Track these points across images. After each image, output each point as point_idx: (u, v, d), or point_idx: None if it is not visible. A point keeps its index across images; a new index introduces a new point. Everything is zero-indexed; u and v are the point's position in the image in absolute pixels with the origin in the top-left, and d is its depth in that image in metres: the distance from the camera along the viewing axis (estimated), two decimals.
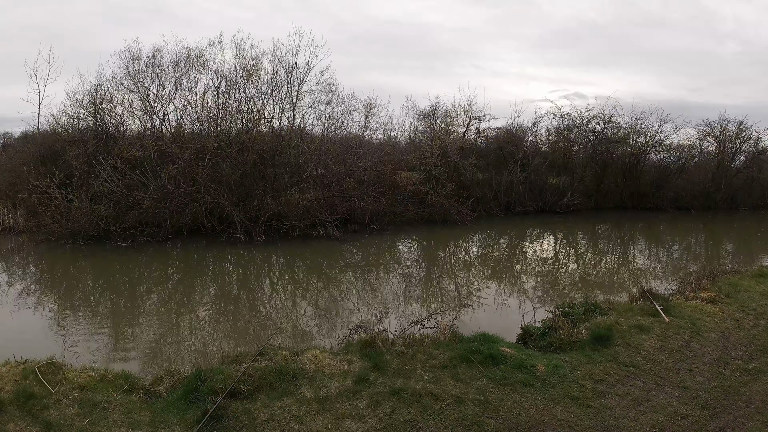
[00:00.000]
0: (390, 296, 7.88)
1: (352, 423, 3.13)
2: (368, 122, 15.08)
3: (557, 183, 18.27)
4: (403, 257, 11.26)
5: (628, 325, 4.99)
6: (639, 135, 19.33)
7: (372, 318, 6.02)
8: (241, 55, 12.99)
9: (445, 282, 9.28)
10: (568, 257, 12.01)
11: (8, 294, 7.38)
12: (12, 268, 9.13)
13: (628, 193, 19.32)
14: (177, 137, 12.36)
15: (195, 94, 12.85)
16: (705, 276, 7.37)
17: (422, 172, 14.99)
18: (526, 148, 18.03)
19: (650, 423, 3.32)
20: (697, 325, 5.15)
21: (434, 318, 5.18)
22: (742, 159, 21.07)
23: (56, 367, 3.65)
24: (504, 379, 3.81)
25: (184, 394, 3.34)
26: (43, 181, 10.57)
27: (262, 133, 13.02)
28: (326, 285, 8.64)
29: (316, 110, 13.74)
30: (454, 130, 17.38)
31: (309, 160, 12.47)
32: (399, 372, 3.84)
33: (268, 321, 6.78)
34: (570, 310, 5.60)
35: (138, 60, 12.50)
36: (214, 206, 11.51)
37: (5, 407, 3.08)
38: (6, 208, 11.86)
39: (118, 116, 12.81)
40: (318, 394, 3.45)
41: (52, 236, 10.51)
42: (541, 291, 8.54)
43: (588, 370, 4.06)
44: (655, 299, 5.77)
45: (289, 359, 3.89)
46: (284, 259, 10.53)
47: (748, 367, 4.29)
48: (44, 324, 6.19)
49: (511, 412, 3.38)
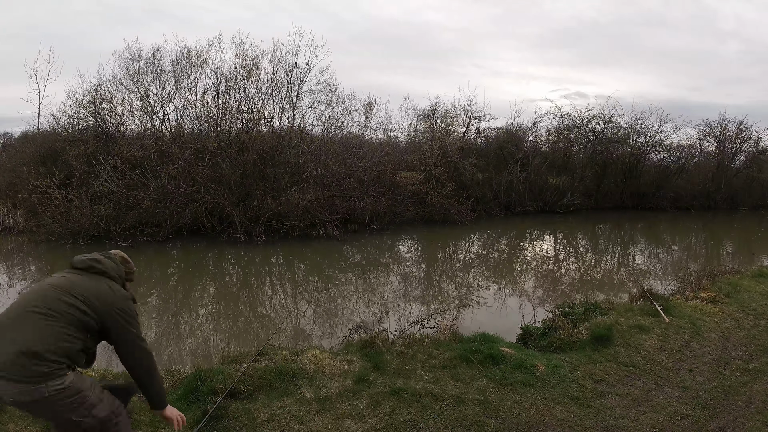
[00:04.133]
0: (390, 296, 7.88)
1: (352, 423, 3.13)
2: (368, 122, 15.10)
3: (557, 183, 18.27)
4: (403, 257, 11.26)
5: (628, 325, 4.99)
6: (639, 135, 19.35)
7: (372, 318, 6.04)
8: (241, 55, 13.01)
9: (445, 282, 9.28)
10: (568, 257, 12.01)
11: (8, 294, 7.38)
12: (12, 268, 9.13)
13: (628, 193, 19.32)
14: (177, 137, 12.37)
15: (195, 94, 12.87)
16: (705, 276, 7.37)
17: (422, 172, 14.99)
18: (526, 148, 18.03)
19: (650, 423, 3.32)
20: (697, 325, 5.15)
21: (434, 318, 5.19)
22: (742, 159, 21.09)
23: None
24: (504, 379, 3.81)
25: (184, 394, 3.34)
26: (43, 181, 10.57)
27: (262, 133, 13.02)
28: (326, 285, 8.64)
29: (316, 110, 13.77)
30: (454, 130, 17.39)
31: (309, 160, 12.48)
32: (399, 372, 3.84)
33: (268, 321, 6.78)
34: (570, 310, 5.61)
35: (138, 60, 12.51)
36: (214, 206, 11.51)
37: (5, 407, 3.08)
38: (6, 208, 11.86)
39: (118, 116, 12.83)
40: (318, 394, 3.45)
41: (52, 236, 10.50)
42: (541, 291, 8.53)
43: (588, 370, 4.06)
44: (655, 299, 5.78)
45: (289, 359, 3.89)
46: (284, 259, 10.53)
47: (748, 367, 4.29)
48: None
49: (511, 412, 3.38)
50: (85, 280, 2.18)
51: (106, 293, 2.17)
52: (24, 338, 1.95)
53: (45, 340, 1.96)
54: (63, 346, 2.01)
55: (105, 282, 2.22)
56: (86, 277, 2.21)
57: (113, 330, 2.15)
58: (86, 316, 2.09)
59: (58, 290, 2.10)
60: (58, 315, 2.02)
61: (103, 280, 2.23)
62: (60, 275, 2.21)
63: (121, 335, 2.17)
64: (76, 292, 2.10)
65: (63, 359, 2.00)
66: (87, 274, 2.23)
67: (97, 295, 2.14)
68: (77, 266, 2.25)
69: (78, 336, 2.06)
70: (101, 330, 2.15)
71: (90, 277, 2.21)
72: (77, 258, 2.28)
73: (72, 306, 2.06)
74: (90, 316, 2.09)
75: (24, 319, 2.01)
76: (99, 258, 2.30)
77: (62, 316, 2.03)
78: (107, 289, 2.19)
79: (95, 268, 2.24)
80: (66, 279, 2.18)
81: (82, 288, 2.14)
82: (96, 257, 2.30)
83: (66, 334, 2.02)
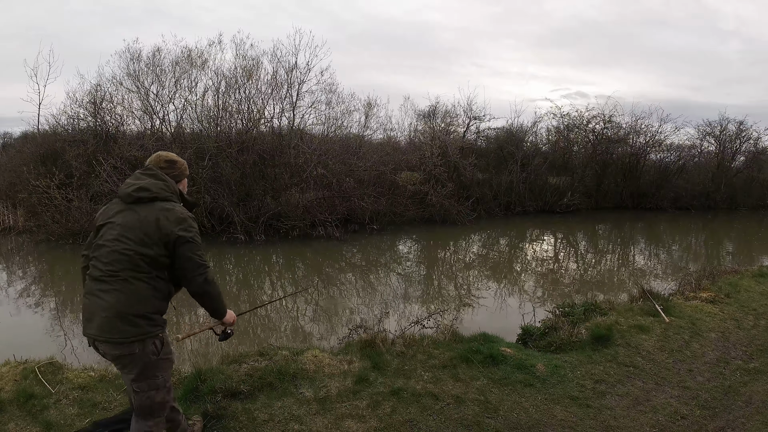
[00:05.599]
0: (390, 296, 7.88)
1: (352, 423, 3.13)
2: (368, 122, 15.12)
3: (557, 183, 18.27)
4: (403, 257, 11.26)
5: (628, 325, 4.98)
6: (639, 135, 19.36)
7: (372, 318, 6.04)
8: (241, 55, 13.04)
9: (445, 282, 9.28)
10: (568, 257, 12.01)
11: (8, 294, 7.39)
12: (12, 268, 9.13)
13: (628, 193, 19.32)
14: (177, 137, 12.37)
15: (195, 94, 12.88)
16: (705, 276, 7.36)
17: (422, 172, 15.00)
18: (526, 148, 18.04)
19: (650, 423, 3.32)
20: (697, 325, 5.15)
21: (434, 318, 5.18)
22: (742, 159, 21.07)
23: (56, 367, 3.65)
24: (504, 379, 3.81)
25: (184, 394, 3.34)
26: (43, 181, 10.57)
27: (262, 133, 13.04)
28: (326, 285, 8.63)
29: (316, 110, 13.78)
30: (454, 130, 17.42)
31: (309, 160, 12.48)
32: (399, 372, 3.84)
33: (268, 321, 6.78)
34: (570, 310, 5.60)
35: (138, 60, 12.54)
36: (214, 206, 11.51)
37: (5, 407, 3.08)
38: (6, 208, 11.86)
39: (118, 116, 12.85)
40: (318, 394, 3.45)
41: (52, 236, 10.51)
42: (541, 291, 8.53)
43: (588, 370, 4.06)
44: (655, 299, 5.77)
45: (289, 359, 3.88)
46: (284, 259, 10.53)
47: (748, 367, 4.29)
48: (44, 324, 6.19)
49: (511, 412, 3.38)
50: (136, 215, 2.14)
51: (160, 224, 2.12)
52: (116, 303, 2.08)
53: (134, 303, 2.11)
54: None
55: (157, 208, 2.16)
56: (138, 210, 2.15)
57: (175, 255, 2.17)
58: (153, 253, 2.12)
59: (119, 242, 2.09)
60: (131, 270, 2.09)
61: (156, 207, 2.17)
62: (111, 221, 2.15)
63: (181, 257, 2.17)
64: (132, 234, 2.10)
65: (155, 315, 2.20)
66: (138, 206, 2.17)
67: (152, 228, 2.12)
68: (126, 201, 2.19)
69: (160, 275, 2.18)
70: (172, 254, 2.18)
71: (141, 209, 2.16)
72: (123, 191, 2.19)
73: (136, 252, 2.09)
74: (157, 251, 2.13)
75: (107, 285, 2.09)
76: (144, 185, 2.19)
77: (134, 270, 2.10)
78: (161, 218, 2.13)
79: (144, 198, 2.17)
80: (119, 225, 2.14)
81: (135, 228, 2.12)
82: (141, 185, 2.19)
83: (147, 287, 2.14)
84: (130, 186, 2.20)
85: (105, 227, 2.18)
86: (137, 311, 2.10)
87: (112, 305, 2.06)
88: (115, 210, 2.21)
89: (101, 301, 2.07)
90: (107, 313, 2.06)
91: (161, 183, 2.25)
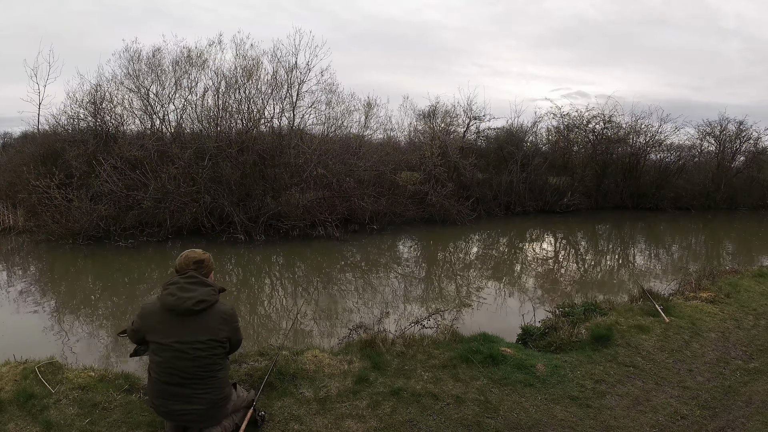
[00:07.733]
0: (390, 296, 7.88)
1: (352, 423, 3.13)
2: (368, 122, 15.09)
3: (557, 183, 18.26)
4: (403, 257, 11.26)
5: (628, 325, 4.99)
6: (639, 135, 19.35)
7: (372, 318, 6.04)
8: (241, 55, 13.01)
9: (445, 282, 9.28)
10: (568, 257, 12.01)
11: (8, 294, 7.39)
12: (12, 268, 9.13)
13: (628, 193, 19.31)
14: (177, 137, 12.37)
15: (195, 94, 12.87)
16: (705, 276, 7.36)
17: (422, 172, 14.99)
18: (526, 148, 18.01)
19: (650, 423, 3.32)
20: (697, 325, 5.15)
21: (434, 318, 5.18)
22: (742, 159, 21.06)
23: (56, 367, 3.65)
24: (504, 379, 3.81)
25: None
26: (43, 181, 10.56)
27: (262, 133, 13.02)
28: (326, 285, 8.63)
29: (316, 110, 13.75)
30: (454, 130, 17.40)
31: (309, 160, 12.47)
32: (399, 372, 3.84)
33: (268, 321, 6.78)
34: (570, 310, 5.60)
35: (138, 60, 12.52)
36: (214, 206, 11.51)
37: (5, 407, 3.08)
38: (6, 208, 11.86)
39: (118, 116, 12.83)
40: (318, 394, 3.45)
41: (52, 236, 10.50)
42: (541, 291, 8.54)
43: (588, 370, 4.06)
44: (655, 299, 5.77)
45: (289, 359, 3.88)
46: (284, 259, 10.53)
47: (748, 367, 4.29)
48: (44, 324, 6.19)
49: (511, 412, 3.38)
50: (198, 324, 2.46)
51: (216, 327, 2.50)
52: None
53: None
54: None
55: (212, 313, 2.50)
56: (198, 319, 2.46)
57: (231, 341, 2.64)
58: (220, 348, 2.54)
59: (188, 352, 2.41)
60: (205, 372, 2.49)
61: (215, 311, 2.51)
62: (177, 338, 2.41)
63: (233, 343, 2.66)
64: (201, 338, 2.45)
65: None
66: (197, 316, 2.46)
67: (214, 330, 2.49)
68: (187, 315, 2.43)
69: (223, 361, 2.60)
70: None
71: (201, 316, 2.46)
72: (184, 307, 2.43)
73: (207, 353, 2.47)
74: (221, 345, 2.54)
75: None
76: (201, 297, 2.45)
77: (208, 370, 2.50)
78: (217, 320, 2.50)
79: (199, 310, 2.46)
80: (187, 332, 2.44)
81: (199, 334, 2.45)
82: (200, 298, 2.45)
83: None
84: (187, 300, 2.44)
85: (167, 345, 2.43)
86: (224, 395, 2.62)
87: (206, 401, 2.51)
88: (171, 324, 2.44)
89: (193, 404, 2.50)
90: (202, 405, 2.50)
91: (209, 289, 2.53)
